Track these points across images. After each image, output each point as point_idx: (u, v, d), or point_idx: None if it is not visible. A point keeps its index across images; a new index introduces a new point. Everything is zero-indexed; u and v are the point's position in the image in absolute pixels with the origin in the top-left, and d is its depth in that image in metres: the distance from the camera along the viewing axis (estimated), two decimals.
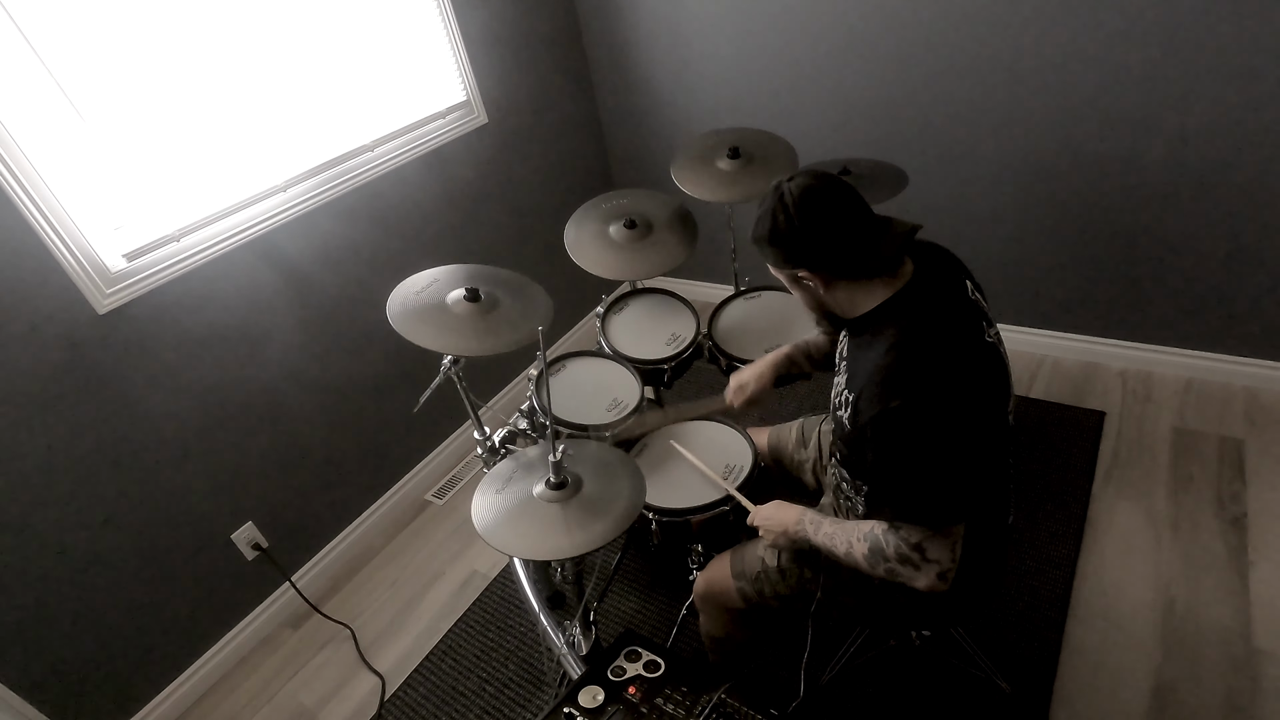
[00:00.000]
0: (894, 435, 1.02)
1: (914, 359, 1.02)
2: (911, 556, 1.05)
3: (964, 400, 1.01)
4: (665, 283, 2.00)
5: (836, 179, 1.11)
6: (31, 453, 1.61)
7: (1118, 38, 1.98)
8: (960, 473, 1.03)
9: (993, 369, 1.09)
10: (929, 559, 1.04)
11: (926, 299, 1.08)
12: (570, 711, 1.14)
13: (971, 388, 1.03)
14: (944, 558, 1.03)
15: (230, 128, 1.87)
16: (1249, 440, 2.12)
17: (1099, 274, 2.36)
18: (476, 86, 2.49)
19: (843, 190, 1.09)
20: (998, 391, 1.09)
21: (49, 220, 1.56)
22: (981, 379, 1.06)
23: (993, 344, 1.10)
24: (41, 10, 1.51)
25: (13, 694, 1.64)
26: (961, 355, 1.04)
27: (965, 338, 1.06)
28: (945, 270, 1.15)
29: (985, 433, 1.06)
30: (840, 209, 1.09)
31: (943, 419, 1.00)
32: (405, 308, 1.52)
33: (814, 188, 1.08)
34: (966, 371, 1.03)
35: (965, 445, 1.03)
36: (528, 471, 1.33)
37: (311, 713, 1.93)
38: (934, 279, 1.11)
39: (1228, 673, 1.59)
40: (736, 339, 1.87)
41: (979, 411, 1.04)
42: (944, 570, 1.04)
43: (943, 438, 1.00)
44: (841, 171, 1.89)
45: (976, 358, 1.06)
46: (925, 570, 1.05)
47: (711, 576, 1.46)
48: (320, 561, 2.29)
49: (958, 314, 1.08)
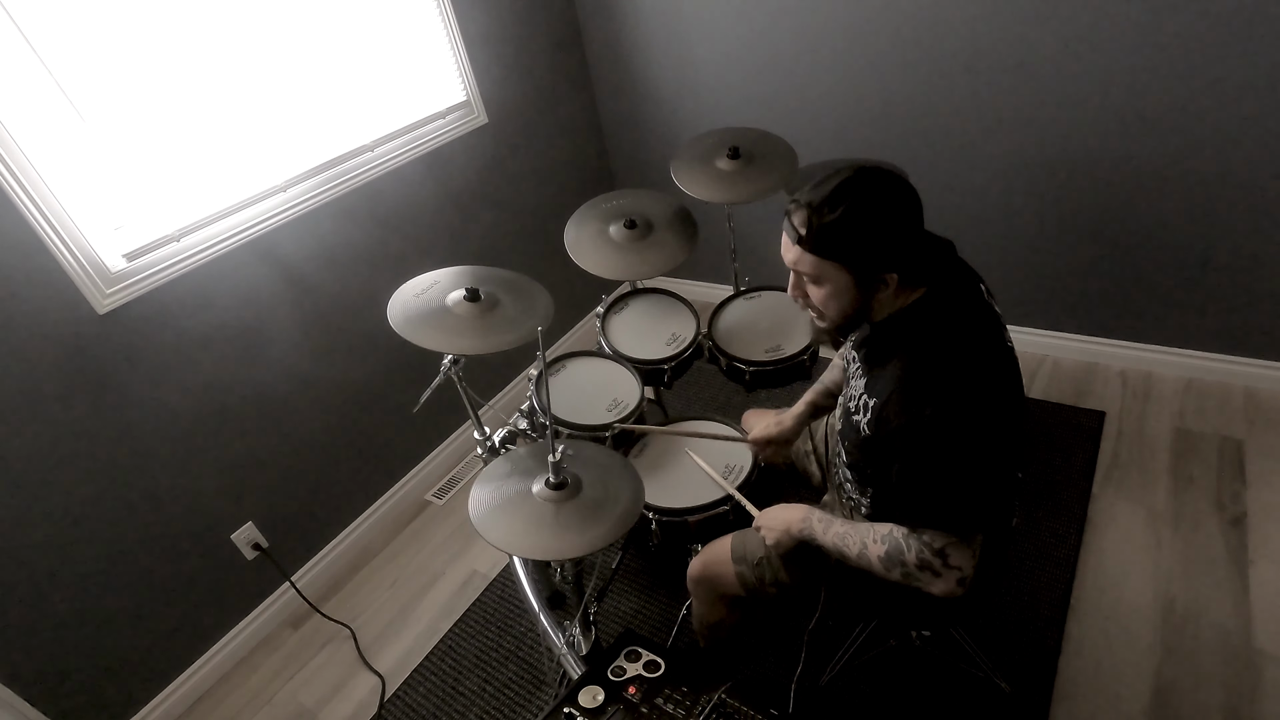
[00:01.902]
0: (926, 443, 1.00)
1: (943, 366, 1.01)
2: (933, 562, 1.04)
3: (992, 407, 1.01)
4: (665, 283, 2.00)
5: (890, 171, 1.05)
6: (31, 452, 1.61)
7: (1118, 38, 1.98)
8: (987, 481, 1.02)
9: (1013, 376, 1.08)
10: (950, 565, 1.03)
11: (949, 306, 1.06)
12: (570, 711, 1.14)
13: (998, 395, 1.02)
14: (966, 565, 1.03)
15: (230, 128, 1.87)
16: (1249, 440, 2.12)
17: (1099, 274, 2.36)
18: (476, 86, 2.49)
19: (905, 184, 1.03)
20: (1018, 398, 1.08)
21: (49, 220, 1.56)
22: (1005, 386, 1.05)
23: (1011, 349, 1.10)
24: (41, 10, 1.51)
25: (13, 694, 1.64)
26: (987, 362, 1.03)
27: (989, 344, 1.05)
28: (962, 276, 1.13)
29: (1009, 440, 1.05)
30: (915, 204, 1.02)
31: (974, 426, 0.99)
32: (405, 309, 1.52)
33: (888, 180, 1.00)
34: (993, 378, 1.03)
35: (993, 453, 1.02)
36: (527, 471, 1.33)
37: (311, 713, 1.93)
38: (954, 285, 1.09)
39: (1228, 673, 1.59)
40: (736, 339, 1.87)
41: (1005, 419, 1.03)
42: (964, 577, 1.04)
43: (974, 445, 0.99)
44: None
45: (1000, 364, 1.05)
46: (945, 576, 1.04)
47: (709, 559, 1.44)
48: (320, 561, 2.29)
49: (980, 320, 1.07)
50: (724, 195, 1.86)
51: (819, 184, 1.03)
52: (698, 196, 1.88)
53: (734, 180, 1.88)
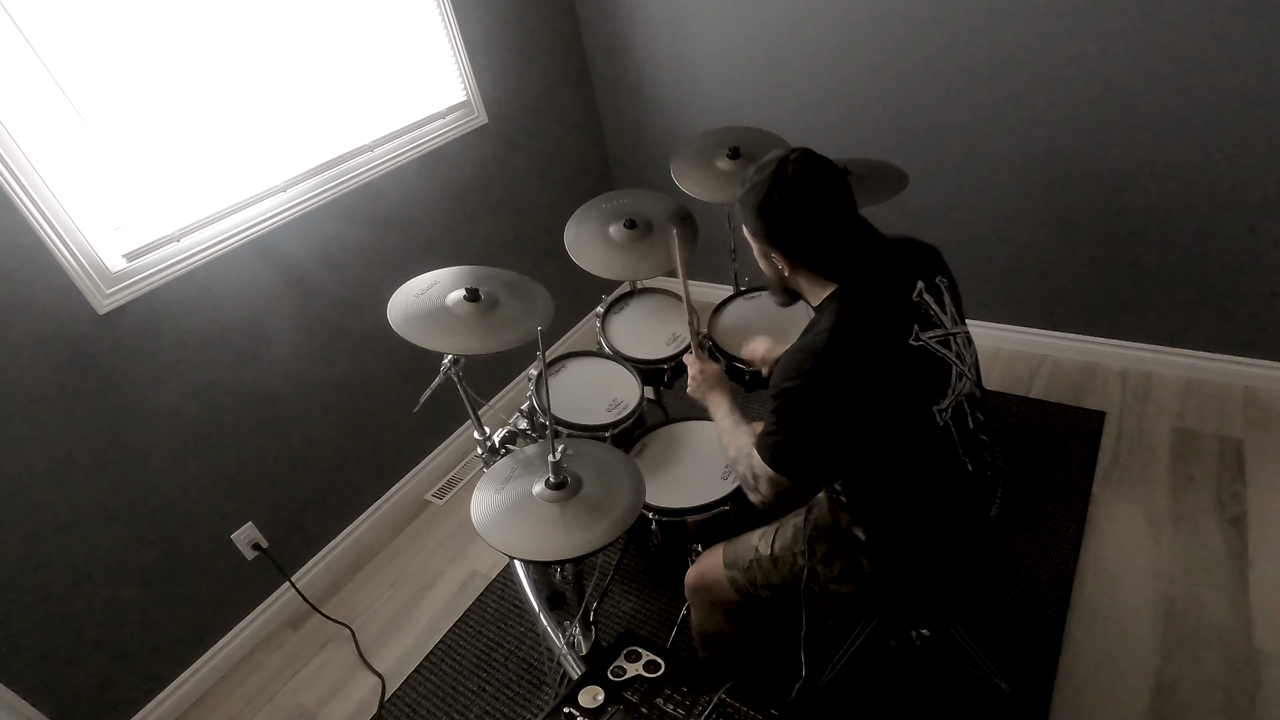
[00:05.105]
0: (771, 391, 1.16)
1: (807, 341, 1.12)
2: (748, 479, 1.23)
3: (827, 382, 1.09)
4: (665, 283, 1.99)
5: (836, 170, 1.13)
6: (31, 452, 1.61)
7: (1118, 38, 1.98)
8: (802, 438, 1.13)
9: (911, 371, 1.11)
10: (758, 489, 1.22)
11: (852, 301, 1.12)
12: (570, 711, 1.14)
13: (864, 384, 1.08)
14: (768, 494, 1.21)
15: (230, 128, 1.87)
16: (1249, 440, 2.12)
17: (1099, 274, 2.36)
18: (476, 86, 2.49)
19: (839, 185, 1.12)
20: (915, 392, 1.12)
21: (49, 220, 1.56)
22: (889, 379, 1.10)
23: (919, 347, 1.11)
24: (41, 10, 1.51)
25: (13, 694, 1.64)
26: (866, 355, 1.09)
27: (879, 339, 1.10)
28: (896, 270, 1.16)
29: (876, 427, 1.11)
30: (832, 205, 1.12)
31: (801, 390, 1.10)
32: (405, 310, 1.52)
33: (815, 174, 1.11)
34: (866, 370, 1.09)
35: (814, 418, 1.11)
36: (527, 471, 1.33)
37: (311, 713, 1.93)
38: (872, 280, 1.14)
39: (1228, 673, 1.59)
40: (737, 339, 1.87)
41: (870, 406, 1.09)
42: (764, 501, 1.22)
43: (794, 403, 1.12)
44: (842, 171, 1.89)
45: (887, 359, 1.10)
46: (753, 494, 1.24)
47: (704, 567, 1.46)
48: (320, 561, 2.29)
49: (881, 316, 1.12)
50: (724, 195, 1.86)
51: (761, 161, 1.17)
52: (698, 196, 1.88)
53: (734, 180, 1.88)
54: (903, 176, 1.93)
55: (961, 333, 1.19)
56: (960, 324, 1.21)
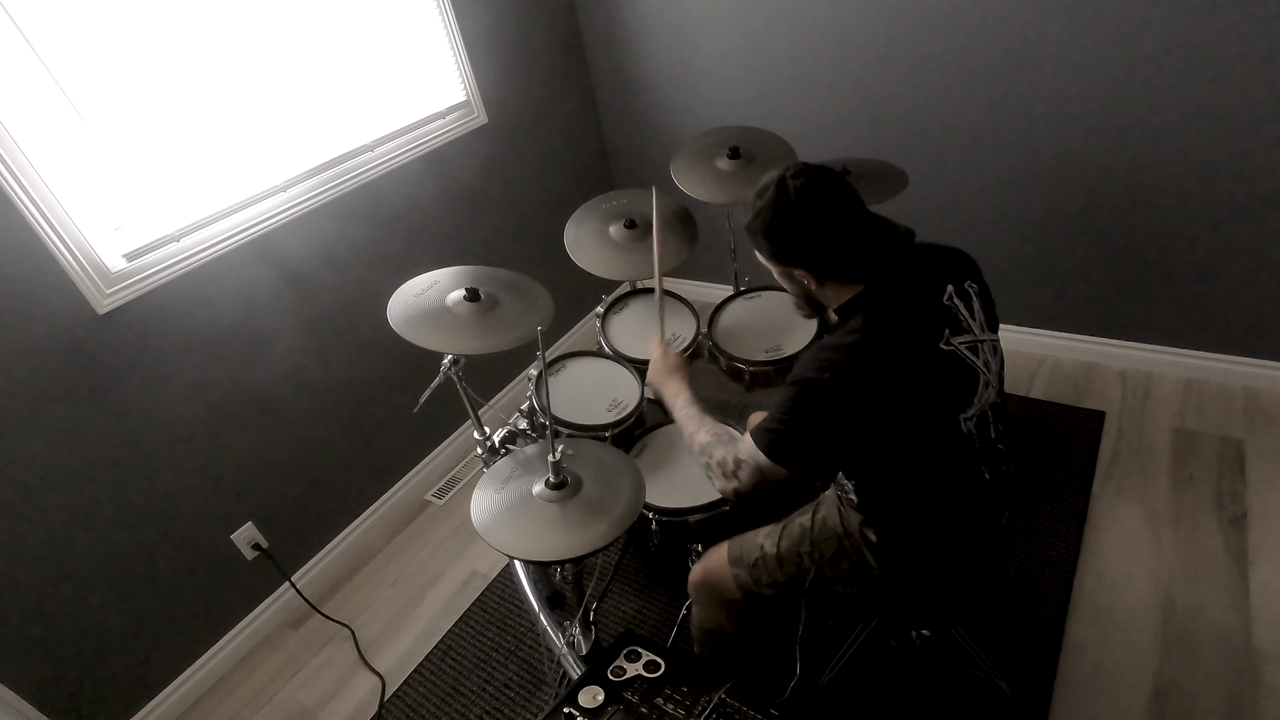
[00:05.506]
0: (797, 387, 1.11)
1: (833, 340, 1.10)
2: (728, 465, 1.18)
3: (873, 393, 1.06)
4: (665, 283, 1.99)
5: (838, 177, 1.12)
6: (31, 452, 1.61)
7: (1119, 38, 1.98)
8: (822, 440, 1.10)
9: (941, 376, 1.10)
10: (737, 475, 1.17)
11: (879, 302, 1.11)
12: (570, 711, 1.14)
13: (893, 386, 1.06)
14: (746, 482, 1.16)
15: (230, 128, 1.87)
16: (1249, 440, 2.12)
17: (1099, 274, 2.36)
18: (476, 86, 2.49)
19: (844, 191, 1.11)
20: (943, 398, 1.11)
21: (49, 220, 1.56)
22: (919, 383, 1.08)
23: (950, 351, 1.10)
24: (41, 10, 1.51)
25: (13, 694, 1.64)
26: (898, 356, 1.07)
27: (912, 341, 1.09)
28: (924, 272, 1.15)
29: (899, 430, 1.09)
30: (841, 211, 1.11)
31: (819, 384, 1.07)
32: (405, 310, 1.52)
33: (818, 187, 1.09)
34: (897, 371, 1.07)
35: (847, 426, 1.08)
36: (527, 471, 1.33)
37: (311, 713, 1.93)
38: (901, 282, 1.13)
39: (1228, 673, 1.59)
40: (736, 339, 1.87)
41: (896, 409, 1.07)
42: (739, 489, 1.17)
43: (808, 397, 1.08)
44: (842, 171, 1.89)
45: (918, 362, 1.08)
46: (726, 482, 1.19)
47: (709, 564, 1.45)
48: (320, 561, 2.29)
49: (912, 318, 1.10)
50: (724, 195, 1.86)
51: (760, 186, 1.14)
52: (698, 196, 1.88)
53: (734, 180, 1.88)
54: (903, 177, 1.93)
55: (989, 340, 1.18)
56: (987, 331, 1.19)
